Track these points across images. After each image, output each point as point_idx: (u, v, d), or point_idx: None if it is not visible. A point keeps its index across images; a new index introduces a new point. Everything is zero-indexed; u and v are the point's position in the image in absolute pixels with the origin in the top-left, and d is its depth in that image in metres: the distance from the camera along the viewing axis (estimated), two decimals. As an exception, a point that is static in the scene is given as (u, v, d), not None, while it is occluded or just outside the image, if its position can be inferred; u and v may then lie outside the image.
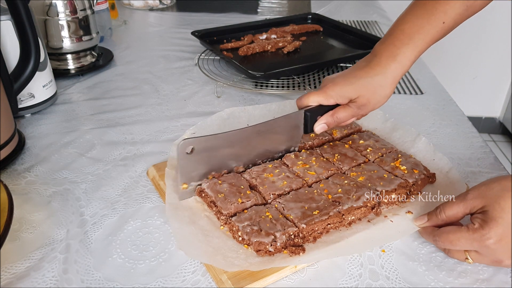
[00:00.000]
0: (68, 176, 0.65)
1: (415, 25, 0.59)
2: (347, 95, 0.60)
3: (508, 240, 0.46)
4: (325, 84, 0.62)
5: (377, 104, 0.62)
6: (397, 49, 0.59)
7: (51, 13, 0.92)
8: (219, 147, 0.57)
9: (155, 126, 0.79)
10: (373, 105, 0.61)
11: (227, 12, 1.50)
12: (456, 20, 0.60)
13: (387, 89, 0.60)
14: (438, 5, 0.59)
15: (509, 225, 0.46)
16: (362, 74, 0.60)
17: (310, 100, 0.61)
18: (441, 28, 0.59)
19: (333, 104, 0.61)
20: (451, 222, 0.52)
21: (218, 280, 0.47)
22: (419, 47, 0.60)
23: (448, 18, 0.59)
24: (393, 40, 0.60)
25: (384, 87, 0.60)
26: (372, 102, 0.61)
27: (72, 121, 0.80)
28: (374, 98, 0.60)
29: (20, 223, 0.55)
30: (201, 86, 0.95)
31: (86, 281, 0.48)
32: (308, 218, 0.52)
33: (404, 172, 0.61)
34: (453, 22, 0.60)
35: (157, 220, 0.57)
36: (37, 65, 0.74)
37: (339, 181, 0.59)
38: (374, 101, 0.61)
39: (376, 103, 0.61)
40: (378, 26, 1.38)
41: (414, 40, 0.59)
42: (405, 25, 0.60)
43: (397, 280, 0.49)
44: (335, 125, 0.62)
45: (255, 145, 0.61)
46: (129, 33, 1.29)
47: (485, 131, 2.55)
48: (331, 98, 0.61)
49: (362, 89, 0.60)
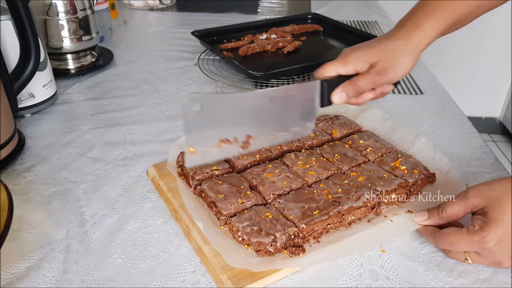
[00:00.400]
0: (68, 176, 0.65)
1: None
2: (367, 58, 0.58)
3: (508, 242, 0.46)
4: (343, 53, 0.60)
5: (398, 71, 0.58)
6: (420, 18, 0.59)
7: (51, 13, 0.92)
8: (228, 108, 0.52)
9: (155, 126, 0.79)
10: (394, 71, 0.58)
11: (227, 12, 1.50)
12: (481, 2, 0.59)
13: (409, 55, 0.58)
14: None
15: (509, 227, 0.46)
16: (383, 39, 0.59)
17: (327, 70, 0.58)
18: (465, 5, 0.59)
19: (353, 74, 0.58)
20: (452, 220, 0.52)
21: (218, 280, 0.47)
22: (443, 20, 0.59)
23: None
24: (416, 12, 0.60)
25: (406, 52, 0.58)
26: (394, 68, 0.58)
27: (72, 121, 0.80)
28: (396, 63, 0.58)
29: (20, 223, 0.55)
30: (201, 86, 0.95)
31: (86, 281, 0.48)
32: (308, 218, 0.52)
33: (404, 172, 0.61)
34: (477, 3, 0.59)
35: (157, 220, 0.57)
36: (37, 65, 0.74)
37: (339, 181, 0.59)
38: (396, 66, 0.58)
39: (398, 69, 0.58)
40: (378, 26, 1.38)
41: (438, 11, 0.58)
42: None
43: (397, 280, 0.49)
44: (354, 95, 0.58)
45: (267, 113, 0.55)
46: (129, 33, 1.29)
47: (485, 131, 2.55)
48: (350, 64, 0.58)
49: (383, 53, 0.58)
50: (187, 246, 0.53)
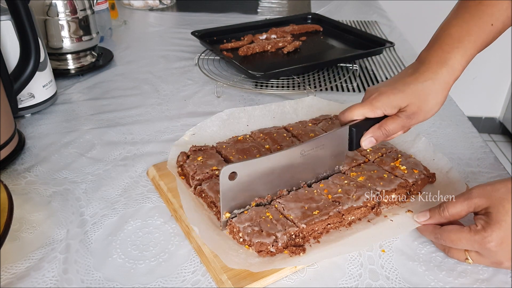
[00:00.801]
0: (68, 176, 0.65)
1: (463, 29, 0.56)
2: (396, 103, 0.56)
3: (508, 243, 0.46)
4: (369, 94, 0.58)
5: (429, 112, 0.56)
6: (447, 53, 0.56)
7: (51, 13, 0.92)
8: (261, 171, 0.54)
9: (155, 126, 0.79)
10: (424, 113, 0.56)
11: (227, 12, 1.50)
12: (505, 22, 0.57)
13: (439, 95, 0.56)
14: (484, 7, 0.56)
15: (511, 228, 0.46)
16: (411, 81, 0.56)
17: (355, 114, 0.57)
18: (490, 31, 0.57)
19: (380, 116, 0.57)
20: (453, 220, 0.52)
21: (218, 280, 0.47)
22: (469, 51, 0.56)
23: (496, 20, 0.56)
24: (441, 45, 0.57)
25: (436, 93, 0.55)
26: (424, 110, 0.56)
27: (72, 121, 0.80)
28: (426, 105, 0.56)
29: (20, 223, 0.55)
30: (201, 86, 0.95)
31: (86, 281, 0.48)
32: (308, 218, 0.52)
33: (404, 172, 0.61)
34: (501, 24, 0.57)
35: (157, 220, 0.57)
36: (37, 65, 0.74)
37: (339, 181, 0.59)
38: (426, 108, 0.56)
39: (428, 111, 0.56)
40: (378, 26, 1.38)
41: (463, 43, 0.56)
42: (452, 29, 0.57)
43: (397, 280, 0.49)
44: (383, 138, 0.58)
45: (298, 167, 0.57)
46: (129, 33, 1.29)
47: (485, 131, 2.55)
48: (378, 109, 0.56)
49: (412, 96, 0.55)
50: (187, 246, 0.53)
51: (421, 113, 0.56)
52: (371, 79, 1.01)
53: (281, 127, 0.73)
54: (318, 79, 0.98)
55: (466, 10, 0.57)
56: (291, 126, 0.73)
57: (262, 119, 0.76)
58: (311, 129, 0.72)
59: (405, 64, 1.10)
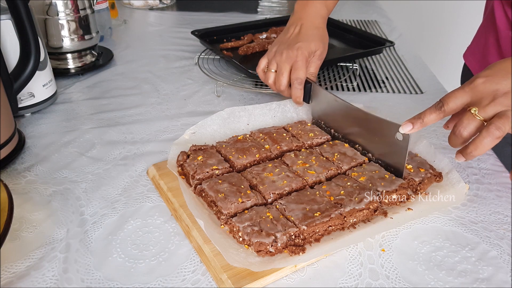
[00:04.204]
0: (68, 175, 0.65)
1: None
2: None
3: (497, 78, 0.50)
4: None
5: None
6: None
7: (51, 12, 0.92)
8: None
9: (155, 126, 0.79)
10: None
11: (227, 11, 1.50)
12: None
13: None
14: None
15: (498, 67, 0.50)
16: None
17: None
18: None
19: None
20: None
21: (218, 279, 0.47)
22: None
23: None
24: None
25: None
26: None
27: (72, 121, 0.80)
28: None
29: (20, 223, 0.55)
30: (201, 85, 0.95)
31: (86, 280, 0.48)
32: (309, 220, 0.52)
33: (410, 171, 0.61)
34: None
35: (157, 220, 0.57)
36: (37, 65, 0.74)
37: (342, 182, 0.59)
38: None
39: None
40: (378, 26, 1.38)
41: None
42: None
43: (397, 279, 0.49)
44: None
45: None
46: (129, 33, 1.29)
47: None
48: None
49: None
50: (187, 245, 0.53)
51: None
52: (371, 79, 1.01)
53: (281, 127, 0.73)
54: (318, 78, 0.98)
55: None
56: (290, 126, 0.73)
57: (262, 118, 0.76)
58: (310, 129, 0.72)
59: (405, 63, 1.10)
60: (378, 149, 0.64)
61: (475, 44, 0.95)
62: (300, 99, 0.75)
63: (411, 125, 0.55)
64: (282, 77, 0.75)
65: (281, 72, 0.76)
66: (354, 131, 0.68)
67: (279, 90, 0.77)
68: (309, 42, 0.77)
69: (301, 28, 0.80)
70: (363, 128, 0.66)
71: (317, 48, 0.78)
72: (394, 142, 0.60)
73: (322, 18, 0.83)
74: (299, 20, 0.82)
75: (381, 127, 0.62)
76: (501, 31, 0.83)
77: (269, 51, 0.80)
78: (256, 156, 0.64)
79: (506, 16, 0.81)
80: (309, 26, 0.80)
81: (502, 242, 0.54)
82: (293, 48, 0.76)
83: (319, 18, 0.82)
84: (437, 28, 2.23)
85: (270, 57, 0.79)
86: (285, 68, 0.75)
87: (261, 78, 0.80)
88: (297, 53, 0.75)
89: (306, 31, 0.79)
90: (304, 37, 0.78)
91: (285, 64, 0.75)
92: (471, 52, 0.95)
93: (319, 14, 0.82)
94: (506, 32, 0.81)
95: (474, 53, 0.94)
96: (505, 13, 0.81)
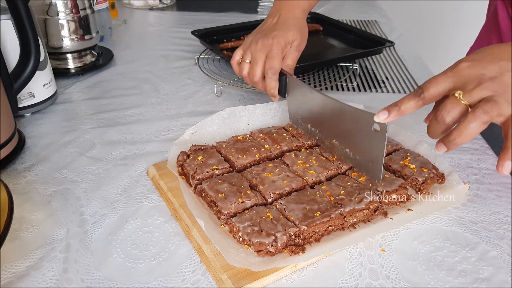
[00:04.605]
0: (68, 175, 0.65)
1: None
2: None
3: (482, 62, 0.47)
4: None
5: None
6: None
7: (51, 12, 0.92)
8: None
9: (155, 126, 0.79)
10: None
11: (227, 11, 1.50)
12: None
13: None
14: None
15: (483, 53, 0.48)
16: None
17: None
18: None
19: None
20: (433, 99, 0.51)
21: (218, 279, 0.47)
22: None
23: None
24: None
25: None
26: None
27: (72, 121, 0.80)
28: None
29: (20, 223, 0.55)
30: (201, 85, 0.95)
31: (86, 280, 0.48)
32: (309, 220, 0.52)
33: (413, 170, 0.61)
34: None
35: (157, 220, 0.57)
36: (37, 65, 0.74)
37: (342, 182, 0.59)
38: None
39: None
40: (378, 26, 1.38)
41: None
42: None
43: (397, 279, 0.49)
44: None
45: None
46: (129, 33, 1.29)
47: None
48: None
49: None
50: (187, 245, 0.53)
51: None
52: (371, 79, 1.01)
53: (281, 127, 0.73)
54: (318, 78, 0.98)
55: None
56: (290, 126, 0.73)
57: (263, 118, 0.76)
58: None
59: (405, 63, 1.10)
60: (356, 143, 0.60)
61: (478, 45, 0.94)
62: (274, 91, 0.71)
63: (387, 113, 0.51)
64: (256, 67, 0.71)
65: (255, 61, 0.71)
66: (331, 125, 0.64)
67: (253, 82, 0.73)
68: (286, 31, 0.72)
69: (279, 18, 0.76)
70: (340, 121, 0.62)
71: (294, 38, 0.73)
72: (372, 134, 0.55)
73: (302, 9, 0.78)
74: (277, 10, 0.77)
75: (357, 118, 0.58)
76: (504, 32, 0.82)
77: (245, 41, 0.75)
78: (256, 156, 0.64)
79: (510, 17, 0.80)
80: (288, 16, 0.76)
81: (502, 242, 0.54)
82: (268, 36, 0.71)
83: (299, 8, 0.77)
84: (437, 28, 2.23)
85: (245, 47, 0.74)
86: (259, 57, 0.70)
87: (235, 71, 0.75)
88: (272, 41, 0.70)
89: (284, 21, 0.75)
90: (282, 26, 0.73)
91: (260, 53, 0.71)
92: None
93: (299, 5, 0.78)
94: (509, 32, 0.81)
95: None
96: (509, 14, 0.81)
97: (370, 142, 0.56)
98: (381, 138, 0.54)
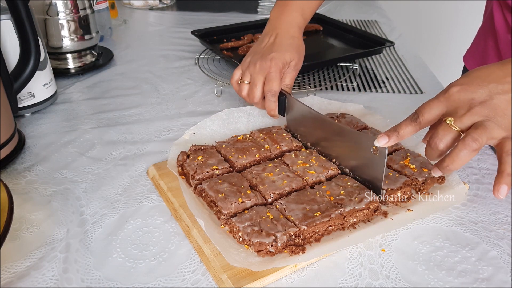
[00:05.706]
0: (68, 175, 0.65)
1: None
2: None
3: (472, 86, 0.48)
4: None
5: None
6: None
7: (51, 12, 0.92)
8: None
9: (155, 126, 0.79)
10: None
11: (227, 11, 1.50)
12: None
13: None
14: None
15: (474, 75, 0.49)
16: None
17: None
18: None
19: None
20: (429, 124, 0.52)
21: (218, 279, 0.47)
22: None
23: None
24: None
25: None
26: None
27: (72, 121, 0.80)
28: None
29: (20, 223, 0.55)
30: (201, 85, 0.95)
31: (86, 280, 0.48)
32: (309, 220, 0.52)
33: (413, 170, 0.61)
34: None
35: (157, 220, 0.57)
36: (37, 65, 0.74)
37: (342, 182, 0.59)
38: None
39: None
40: (378, 26, 1.38)
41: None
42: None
43: (397, 279, 0.49)
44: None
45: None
46: (129, 33, 1.29)
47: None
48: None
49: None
50: (187, 245, 0.53)
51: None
52: (371, 79, 1.01)
53: (281, 127, 0.73)
54: (318, 78, 0.98)
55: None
56: (291, 126, 0.73)
57: (262, 119, 0.76)
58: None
59: (405, 63, 1.10)
60: (355, 164, 0.61)
61: (474, 46, 0.94)
62: (274, 112, 0.72)
63: (387, 138, 0.52)
64: (256, 89, 0.72)
65: (254, 84, 0.72)
66: (330, 145, 0.65)
67: (253, 103, 0.74)
68: (283, 52, 0.74)
69: (276, 38, 0.77)
70: (339, 142, 0.63)
71: (292, 59, 0.74)
72: (371, 156, 0.56)
73: (298, 27, 0.79)
74: (274, 29, 0.78)
75: (357, 140, 0.59)
76: (500, 35, 0.82)
77: (243, 61, 0.77)
78: (256, 156, 0.64)
79: (505, 19, 0.80)
80: (284, 35, 0.77)
81: (502, 242, 0.54)
82: (266, 58, 0.72)
83: (295, 27, 0.79)
84: (437, 28, 2.23)
85: (244, 68, 0.75)
86: (258, 80, 0.72)
87: (235, 89, 0.77)
88: (270, 63, 0.72)
89: (281, 41, 0.76)
90: (279, 47, 0.75)
91: (259, 75, 0.72)
92: (471, 55, 0.95)
93: (295, 23, 0.79)
94: (505, 35, 0.81)
95: (474, 55, 0.93)
96: (504, 16, 0.81)
97: (369, 163, 0.57)
98: (380, 160, 0.55)
